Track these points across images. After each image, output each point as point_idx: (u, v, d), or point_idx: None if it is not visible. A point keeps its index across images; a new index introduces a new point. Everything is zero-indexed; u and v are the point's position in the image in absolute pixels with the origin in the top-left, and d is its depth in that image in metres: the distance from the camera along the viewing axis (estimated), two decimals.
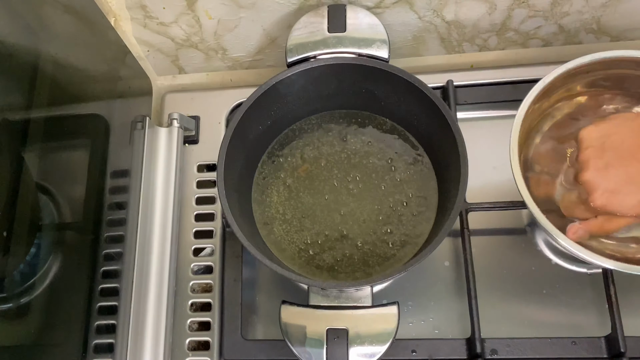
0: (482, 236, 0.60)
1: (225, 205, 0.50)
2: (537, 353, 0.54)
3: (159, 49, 0.68)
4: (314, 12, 0.59)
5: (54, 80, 0.49)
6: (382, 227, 0.56)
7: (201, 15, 0.62)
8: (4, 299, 0.43)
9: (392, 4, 0.60)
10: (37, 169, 0.46)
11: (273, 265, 0.49)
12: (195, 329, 0.59)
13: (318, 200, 0.58)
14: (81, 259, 0.52)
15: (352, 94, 0.59)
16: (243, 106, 0.54)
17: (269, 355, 0.56)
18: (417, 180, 0.58)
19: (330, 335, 0.49)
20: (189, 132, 0.66)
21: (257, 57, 0.69)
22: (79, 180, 0.52)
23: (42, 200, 0.48)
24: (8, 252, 0.42)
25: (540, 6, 0.60)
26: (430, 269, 0.60)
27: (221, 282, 0.60)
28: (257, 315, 0.61)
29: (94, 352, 0.52)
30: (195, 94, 0.69)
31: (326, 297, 0.51)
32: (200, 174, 0.65)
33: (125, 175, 0.59)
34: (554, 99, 0.55)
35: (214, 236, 0.62)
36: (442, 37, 0.66)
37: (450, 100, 0.62)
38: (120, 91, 0.62)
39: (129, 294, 0.56)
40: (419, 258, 0.48)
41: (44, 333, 0.46)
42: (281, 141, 0.61)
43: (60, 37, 0.52)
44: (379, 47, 0.56)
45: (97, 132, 0.56)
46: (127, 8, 0.61)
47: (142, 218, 0.59)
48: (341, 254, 0.56)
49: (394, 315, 0.50)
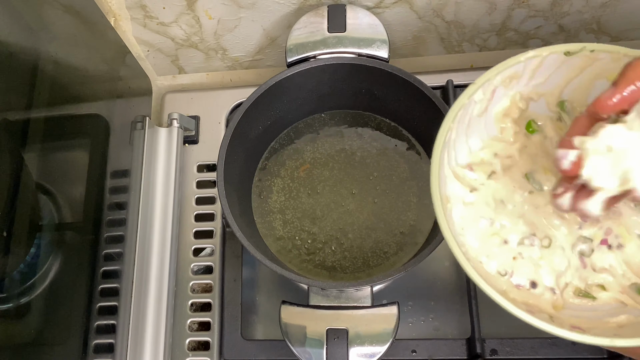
0: None
1: (225, 205, 0.50)
2: (537, 353, 0.54)
3: (159, 49, 0.68)
4: (314, 12, 0.59)
5: (54, 80, 0.49)
6: (382, 227, 0.56)
7: (201, 15, 0.62)
8: (4, 299, 0.43)
9: (392, 4, 0.60)
10: (37, 169, 0.46)
11: (273, 265, 0.49)
12: (195, 329, 0.59)
13: (318, 200, 0.58)
14: (81, 259, 0.52)
15: (352, 94, 0.59)
16: (243, 106, 0.54)
17: (269, 355, 0.56)
18: (417, 180, 0.58)
19: (330, 335, 0.49)
20: (189, 132, 0.66)
21: (257, 57, 0.69)
22: (79, 180, 0.52)
23: (42, 200, 0.48)
24: (8, 252, 0.42)
25: (540, 6, 0.60)
26: (430, 269, 0.60)
27: (221, 282, 0.60)
28: (257, 315, 0.61)
29: (94, 352, 0.52)
30: (195, 94, 0.69)
31: (326, 297, 0.51)
32: (200, 174, 0.65)
33: (125, 175, 0.59)
34: None
35: (214, 236, 0.62)
36: (442, 37, 0.66)
37: (450, 100, 0.62)
38: (120, 91, 0.62)
39: (129, 294, 0.56)
40: (419, 258, 0.48)
41: (44, 333, 0.46)
42: (281, 141, 0.61)
43: (60, 37, 0.52)
44: (379, 47, 0.56)
45: (97, 132, 0.56)
46: (127, 8, 0.61)
47: (142, 218, 0.59)
48: (341, 254, 0.56)
49: (394, 315, 0.50)
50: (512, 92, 0.41)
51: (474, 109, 0.40)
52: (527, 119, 0.42)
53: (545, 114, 0.42)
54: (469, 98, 0.38)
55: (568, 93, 0.41)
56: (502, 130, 0.42)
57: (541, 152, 0.42)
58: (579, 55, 0.38)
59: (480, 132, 0.42)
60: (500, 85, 0.40)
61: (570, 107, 0.41)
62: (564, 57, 0.38)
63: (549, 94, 0.41)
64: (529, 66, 0.39)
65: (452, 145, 0.40)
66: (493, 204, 0.42)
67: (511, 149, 0.42)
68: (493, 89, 0.40)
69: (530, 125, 0.42)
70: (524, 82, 0.41)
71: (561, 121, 0.42)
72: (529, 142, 0.42)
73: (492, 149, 0.42)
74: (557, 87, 0.41)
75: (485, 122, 0.42)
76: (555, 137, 0.41)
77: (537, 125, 0.42)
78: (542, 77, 0.40)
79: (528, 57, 0.38)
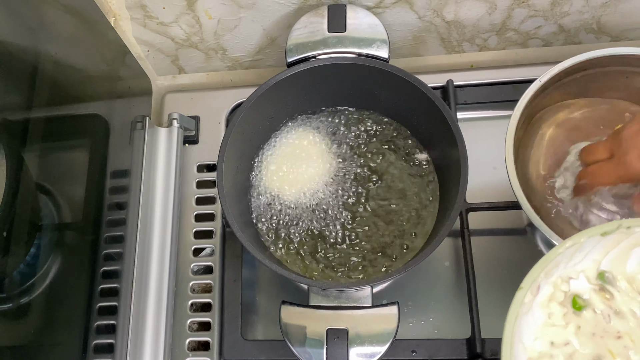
0: (482, 236, 0.60)
1: (225, 205, 0.50)
2: None
3: (158, 49, 0.68)
4: (314, 12, 0.59)
5: (54, 80, 0.49)
6: (382, 227, 0.56)
7: (201, 15, 0.62)
8: (4, 299, 0.43)
9: (392, 4, 0.60)
10: (37, 169, 0.46)
11: (273, 265, 0.49)
12: (195, 329, 0.59)
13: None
14: (81, 259, 0.52)
15: (352, 94, 0.59)
16: (243, 106, 0.54)
17: (269, 355, 0.56)
18: (416, 180, 0.58)
19: (330, 336, 0.49)
20: (189, 132, 0.66)
21: (257, 57, 0.69)
22: (79, 181, 0.52)
23: (42, 200, 0.48)
24: (8, 252, 0.42)
25: (540, 6, 0.60)
26: (430, 269, 0.60)
27: (221, 282, 0.60)
28: (257, 315, 0.61)
29: (94, 352, 0.52)
30: (195, 94, 0.69)
31: (326, 297, 0.51)
32: (200, 174, 0.65)
33: (125, 175, 0.59)
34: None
35: (214, 236, 0.62)
36: (442, 37, 0.66)
37: (450, 100, 0.62)
38: (120, 91, 0.62)
39: (129, 294, 0.56)
40: (419, 258, 0.48)
41: (44, 333, 0.46)
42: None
43: (60, 37, 0.52)
44: (379, 47, 0.56)
45: (97, 132, 0.56)
46: (127, 8, 0.61)
47: (142, 218, 0.59)
48: (340, 253, 0.56)
49: (394, 315, 0.50)
50: (553, 278, 0.42)
51: (522, 309, 0.40)
52: (572, 296, 0.42)
53: (587, 287, 0.42)
54: (521, 305, 0.39)
55: (606, 264, 0.41)
56: (549, 316, 0.42)
57: (599, 331, 0.41)
58: (615, 232, 0.39)
59: (529, 325, 0.42)
60: (543, 278, 0.41)
61: (611, 276, 0.42)
62: (600, 237, 0.40)
63: (588, 269, 0.42)
64: (567, 253, 0.40)
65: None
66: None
67: (566, 333, 0.42)
68: (537, 285, 0.41)
69: (576, 301, 0.42)
70: (563, 267, 0.41)
71: (604, 291, 0.42)
72: (582, 321, 0.42)
73: (546, 338, 0.42)
74: (595, 262, 0.42)
75: (532, 315, 0.42)
76: (606, 310, 0.42)
77: (583, 300, 0.42)
78: (579, 258, 0.41)
79: (567, 247, 0.40)
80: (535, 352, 0.41)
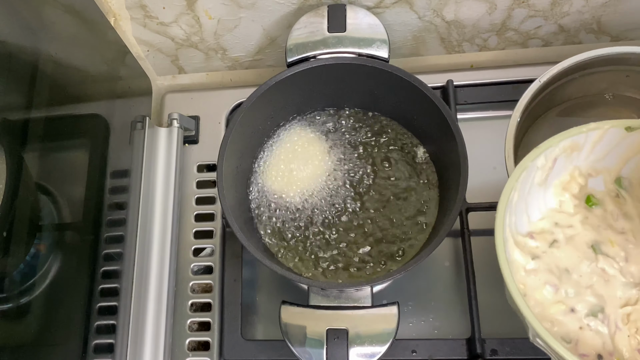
0: (482, 236, 0.60)
1: (225, 205, 0.50)
2: (537, 353, 0.53)
3: (158, 49, 0.68)
4: (314, 12, 0.59)
5: (54, 80, 0.49)
6: (382, 227, 0.56)
7: (201, 15, 0.62)
8: (4, 299, 0.43)
9: (392, 4, 0.60)
10: (37, 169, 0.46)
11: (273, 265, 0.49)
12: (195, 329, 0.59)
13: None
14: (81, 259, 0.52)
15: (351, 94, 0.59)
16: (243, 106, 0.54)
17: (269, 355, 0.56)
18: (416, 180, 0.58)
19: (330, 336, 0.49)
20: (189, 132, 0.66)
21: (257, 57, 0.69)
22: (79, 181, 0.52)
23: (42, 200, 0.48)
24: (8, 252, 0.42)
25: (540, 6, 0.60)
26: (430, 269, 0.60)
27: (221, 282, 0.60)
28: (257, 315, 0.61)
29: (94, 352, 0.52)
30: (195, 94, 0.69)
31: (326, 297, 0.51)
32: (200, 174, 0.65)
33: (125, 175, 0.59)
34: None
35: (214, 236, 0.62)
36: (442, 37, 0.66)
37: (450, 100, 0.62)
38: (120, 91, 0.62)
39: (129, 294, 0.56)
40: (419, 258, 0.48)
41: (44, 333, 0.46)
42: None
43: (60, 37, 0.52)
44: (378, 47, 0.56)
45: (97, 132, 0.56)
46: (127, 8, 0.61)
47: (142, 218, 0.59)
48: (339, 253, 0.56)
49: (394, 315, 0.50)
50: (572, 165, 0.42)
51: (535, 175, 0.41)
52: (586, 194, 0.43)
53: (602, 190, 0.43)
54: (532, 162, 0.39)
55: (626, 171, 0.42)
56: (560, 204, 0.43)
57: (604, 224, 0.42)
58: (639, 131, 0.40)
59: (539, 203, 0.42)
60: (561, 154, 0.41)
61: (628, 184, 0.42)
62: (624, 133, 0.40)
63: (607, 172, 0.42)
64: (590, 138, 0.40)
65: (513, 210, 0.41)
66: (557, 272, 0.42)
67: (572, 219, 0.43)
68: (555, 157, 0.41)
69: (590, 199, 0.43)
70: (584, 156, 0.42)
71: (619, 197, 0.42)
72: (590, 215, 0.43)
73: (552, 219, 0.43)
74: (616, 164, 0.42)
75: (544, 193, 0.42)
76: (617, 211, 0.42)
77: (597, 199, 0.43)
78: (601, 153, 0.41)
79: (590, 129, 0.40)
80: (539, 227, 0.43)
